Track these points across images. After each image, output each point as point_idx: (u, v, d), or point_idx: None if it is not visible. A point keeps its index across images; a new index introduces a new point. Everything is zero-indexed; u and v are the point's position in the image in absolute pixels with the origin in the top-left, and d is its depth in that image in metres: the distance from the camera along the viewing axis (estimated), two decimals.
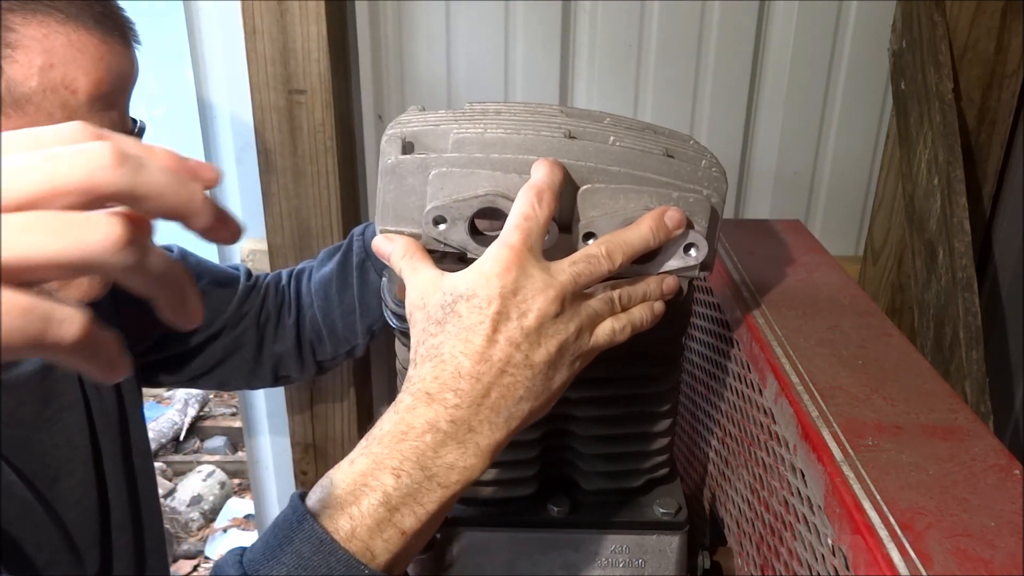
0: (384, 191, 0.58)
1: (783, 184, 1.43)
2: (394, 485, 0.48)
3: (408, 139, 0.59)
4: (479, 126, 0.59)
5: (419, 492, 0.49)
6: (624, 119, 0.66)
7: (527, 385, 0.51)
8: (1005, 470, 0.51)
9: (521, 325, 0.50)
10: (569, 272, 0.52)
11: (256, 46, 1.20)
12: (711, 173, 0.59)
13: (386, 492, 0.48)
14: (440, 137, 0.59)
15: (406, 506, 0.48)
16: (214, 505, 2.57)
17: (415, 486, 0.48)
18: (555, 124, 0.60)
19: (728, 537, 0.78)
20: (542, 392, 0.52)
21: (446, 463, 0.49)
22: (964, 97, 1.30)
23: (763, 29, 1.33)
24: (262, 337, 1.00)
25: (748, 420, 0.71)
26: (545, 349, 0.51)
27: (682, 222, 0.55)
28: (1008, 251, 1.39)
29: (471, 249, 0.57)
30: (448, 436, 0.49)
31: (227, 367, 1.00)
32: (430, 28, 1.30)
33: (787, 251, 0.87)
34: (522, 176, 0.55)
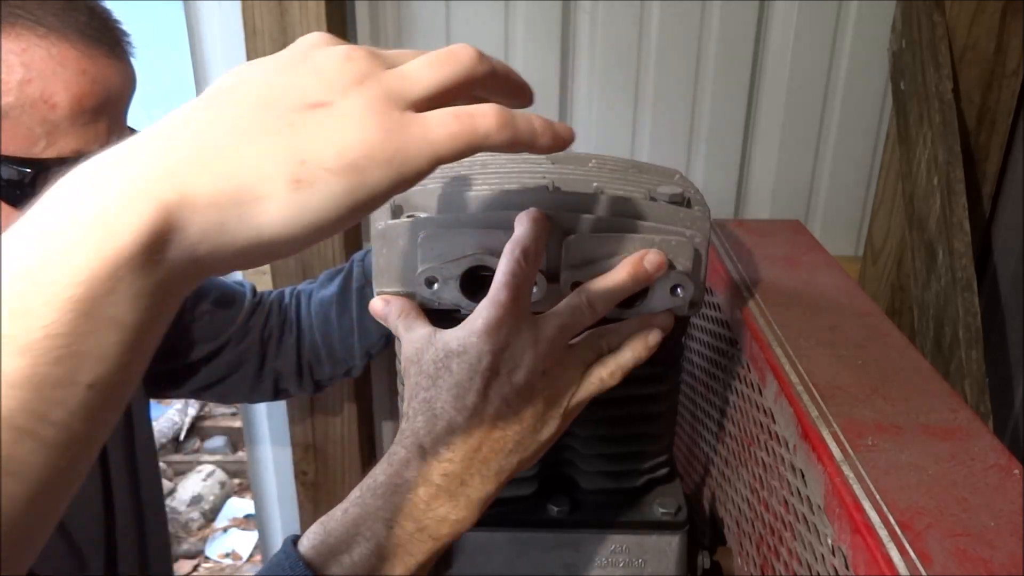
0: (377, 254, 0.60)
1: (783, 184, 1.43)
2: (386, 536, 0.50)
3: (397, 201, 0.61)
4: (464, 182, 0.61)
5: (410, 543, 0.50)
6: (608, 159, 0.69)
7: (516, 439, 0.53)
8: (1005, 470, 0.51)
9: (511, 381, 0.52)
10: (554, 325, 0.54)
11: (256, 46, 1.20)
12: (693, 213, 0.60)
13: (379, 543, 0.50)
14: (428, 196, 0.61)
15: (396, 556, 0.50)
16: (214, 505, 2.57)
17: (406, 537, 0.50)
18: (539, 174, 0.63)
19: (728, 537, 0.78)
20: (531, 444, 0.53)
21: (438, 516, 0.51)
22: (964, 97, 1.30)
23: (763, 29, 1.33)
24: (264, 353, 1.01)
25: (748, 420, 0.71)
26: (533, 404, 0.53)
27: (662, 264, 0.56)
28: (1008, 251, 1.39)
29: (464, 306, 0.59)
30: (440, 490, 0.51)
31: (230, 382, 1.01)
32: (430, 28, 1.30)
33: (787, 251, 0.87)
34: (507, 232, 0.56)
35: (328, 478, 1.43)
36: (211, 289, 0.98)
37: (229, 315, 0.98)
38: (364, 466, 1.44)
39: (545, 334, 0.53)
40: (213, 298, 0.97)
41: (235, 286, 1.01)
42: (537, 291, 0.58)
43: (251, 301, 1.00)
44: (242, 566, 2.34)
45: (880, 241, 1.41)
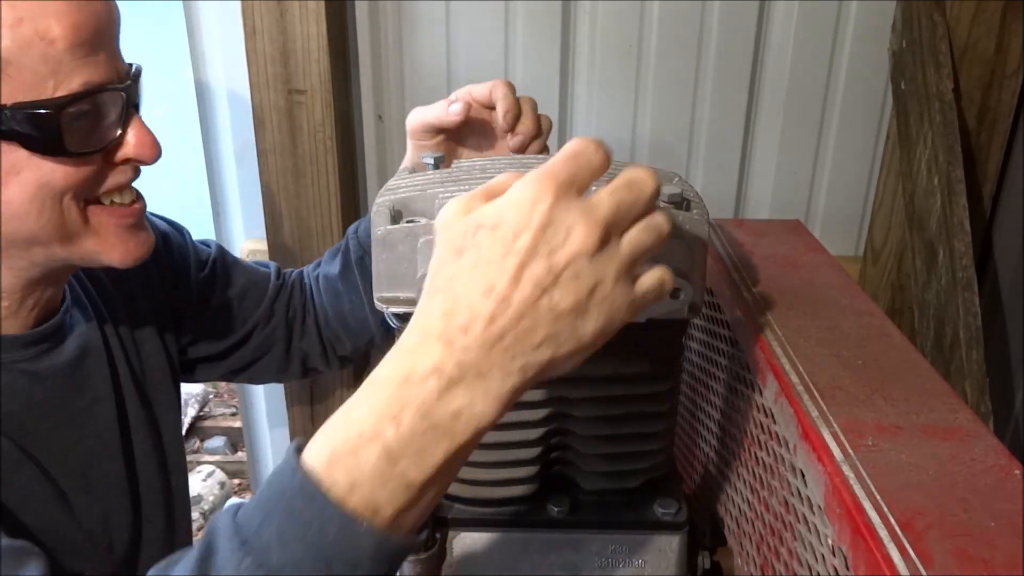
0: (377, 260, 0.60)
1: (783, 184, 1.43)
2: (394, 436, 0.44)
3: (397, 207, 0.61)
4: (464, 188, 0.61)
5: (423, 442, 0.45)
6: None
7: (548, 331, 0.45)
8: (1005, 470, 0.51)
9: (549, 264, 0.44)
10: (609, 203, 0.45)
11: (256, 46, 1.20)
12: (692, 216, 0.60)
13: (386, 443, 0.44)
14: (427, 202, 0.61)
15: (408, 458, 0.44)
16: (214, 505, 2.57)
17: (418, 436, 0.44)
18: None
19: (728, 537, 0.78)
20: (566, 341, 0.46)
21: (451, 410, 0.45)
22: (964, 97, 1.30)
23: (763, 29, 1.33)
24: (290, 333, 1.02)
25: (748, 420, 0.71)
26: (575, 292, 0.45)
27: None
28: (1008, 251, 1.39)
29: None
30: (454, 381, 0.45)
31: (259, 365, 1.02)
32: (430, 28, 1.30)
33: (787, 251, 0.87)
34: None
35: None
36: (238, 275, 0.98)
37: (255, 299, 0.98)
38: None
39: (598, 212, 0.45)
40: (240, 284, 0.97)
41: (260, 269, 1.02)
42: None
43: (275, 282, 1.01)
44: None
45: (880, 241, 1.41)
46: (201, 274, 0.94)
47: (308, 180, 1.26)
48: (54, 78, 0.62)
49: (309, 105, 1.23)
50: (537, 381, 0.47)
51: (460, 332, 0.45)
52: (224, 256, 0.98)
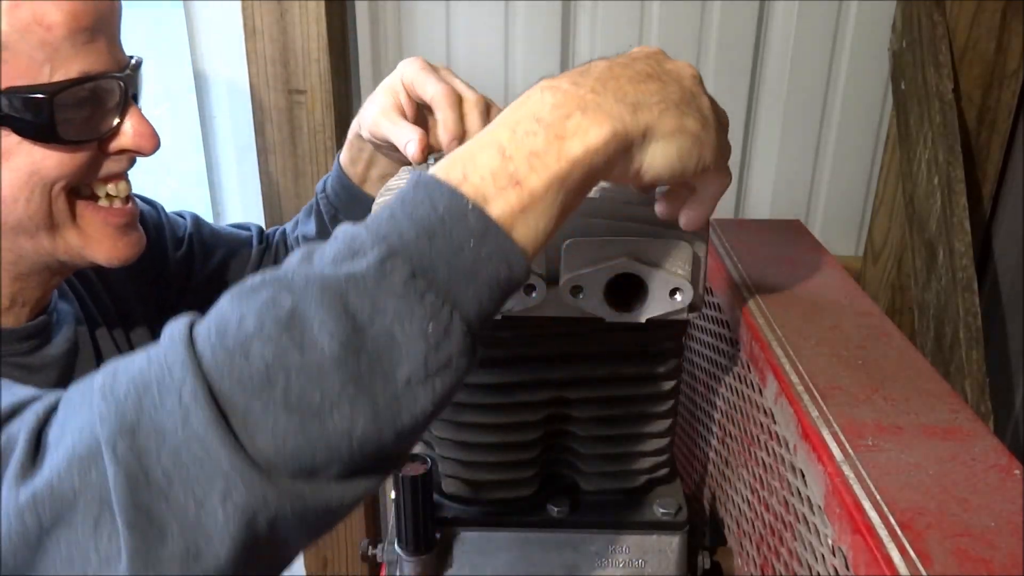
0: None
1: (783, 184, 1.43)
2: (509, 138, 0.46)
3: None
4: None
5: (535, 144, 0.46)
6: None
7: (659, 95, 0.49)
8: (1005, 470, 0.51)
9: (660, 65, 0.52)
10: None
11: (256, 46, 1.20)
12: None
13: (501, 145, 0.46)
14: None
15: (520, 159, 0.45)
16: None
17: (531, 136, 0.46)
18: None
19: (728, 537, 0.78)
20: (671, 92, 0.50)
21: (563, 115, 0.47)
22: (964, 97, 1.30)
23: (763, 29, 1.33)
24: None
25: (748, 420, 0.71)
26: (679, 87, 0.51)
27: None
28: (1008, 251, 1.39)
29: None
30: (569, 95, 0.47)
31: None
32: (430, 28, 1.30)
33: (787, 251, 0.87)
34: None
35: None
36: (218, 246, 0.96)
37: (237, 269, 0.96)
38: None
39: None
40: (220, 255, 0.95)
41: (240, 234, 0.99)
42: (537, 294, 0.58)
43: (259, 247, 0.98)
44: None
45: (880, 241, 1.41)
46: (178, 252, 0.92)
47: (308, 180, 1.26)
48: (50, 64, 0.61)
49: (309, 105, 1.23)
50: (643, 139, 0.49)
51: (578, 73, 0.50)
52: (200, 228, 0.95)
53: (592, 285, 0.58)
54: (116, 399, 0.41)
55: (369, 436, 0.41)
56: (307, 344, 0.41)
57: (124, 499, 0.39)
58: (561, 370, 0.66)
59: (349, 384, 0.41)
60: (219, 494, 0.40)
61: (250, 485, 0.40)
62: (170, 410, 0.40)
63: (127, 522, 0.39)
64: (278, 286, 0.42)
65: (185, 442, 0.40)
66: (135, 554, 0.39)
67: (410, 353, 0.42)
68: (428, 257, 0.43)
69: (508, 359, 0.65)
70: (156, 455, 0.40)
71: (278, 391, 0.40)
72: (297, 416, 0.40)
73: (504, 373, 0.65)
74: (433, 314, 0.42)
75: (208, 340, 0.42)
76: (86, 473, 0.40)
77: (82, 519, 0.40)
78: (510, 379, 0.66)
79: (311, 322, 0.41)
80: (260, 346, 0.40)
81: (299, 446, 0.40)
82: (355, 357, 0.41)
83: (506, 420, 0.67)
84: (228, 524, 0.40)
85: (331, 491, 0.42)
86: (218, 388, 0.40)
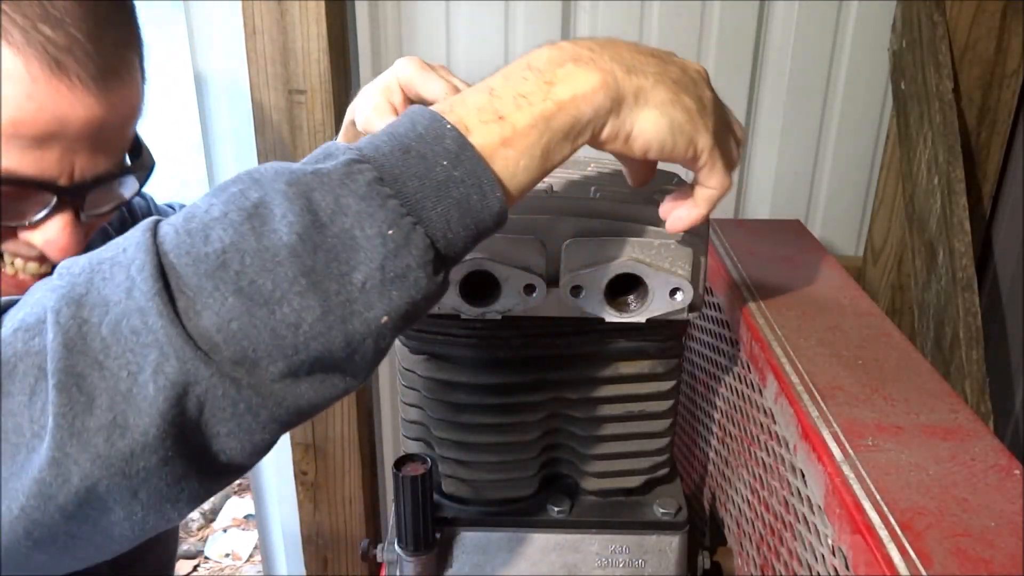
0: None
1: (783, 184, 1.43)
2: (501, 80, 0.48)
3: None
4: None
5: (523, 87, 0.47)
6: (607, 163, 0.68)
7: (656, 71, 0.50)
8: (1005, 470, 0.51)
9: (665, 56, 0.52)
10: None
11: (256, 46, 1.20)
12: None
13: (491, 85, 0.47)
14: None
15: (507, 97, 0.46)
16: (214, 505, 2.57)
17: (522, 81, 0.47)
18: None
19: (728, 537, 0.78)
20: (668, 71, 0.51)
21: (555, 63, 0.48)
22: (964, 97, 1.30)
23: (763, 29, 1.33)
24: None
25: (748, 420, 0.71)
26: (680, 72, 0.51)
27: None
28: (1008, 251, 1.39)
29: (464, 311, 0.59)
30: (565, 51, 0.48)
31: None
32: (430, 28, 1.30)
33: (787, 251, 0.87)
34: (504, 237, 0.56)
35: (328, 478, 1.43)
36: None
37: None
38: (364, 466, 1.44)
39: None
40: None
41: None
42: (537, 294, 0.58)
43: None
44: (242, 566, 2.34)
45: (880, 241, 1.41)
46: None
47: None
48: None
49: (309, 105, 1.23)
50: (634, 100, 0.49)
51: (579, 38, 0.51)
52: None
53: (592, 285, 0.58)
54: (71, 275, 0.41)
55: (316, 333, 0.41)
56: (266, 232, 0.41)
57: (58, 364, 0.39)
58: (561, 370, 0.66)
59: (301, 277, 0.40)
60: (152, 366, 0.39)
61: (183, 359, 0.39)
62: (117, 283, 0.40)
63: (57, 385, 0.39)
64: (249, 180, 0.43)
65: (125, 313, 0.39)
66: (60, 419, 0.38)
67: (367, 256, 0.41)
68: (399, 168, 0.43)
69: (508, 359, 0.65)
70: (97, 325, 0.40)
71: (231, 273, 0.40)
72: (246, 300, 0.40)
73: (504, 373, 0.65)
74: (394, 221, 0.42)
75: (173, 225, 0.42)
76: (30, 340, 0.40)
77: (19, 386, 0.40)
78: (510, 379, 0.66)
79: (273, 212, 0.41)
80: (220, 231, 0.41)
81: (243, 330, 0.40)
82: (311, 251, 0.41)
83: (506, 420, 0.67)
84: (157, 398, 0.39)
85: (271, 389, 0.41)
86: (172, 266, 0.40)
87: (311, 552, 1.56)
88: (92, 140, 0.62)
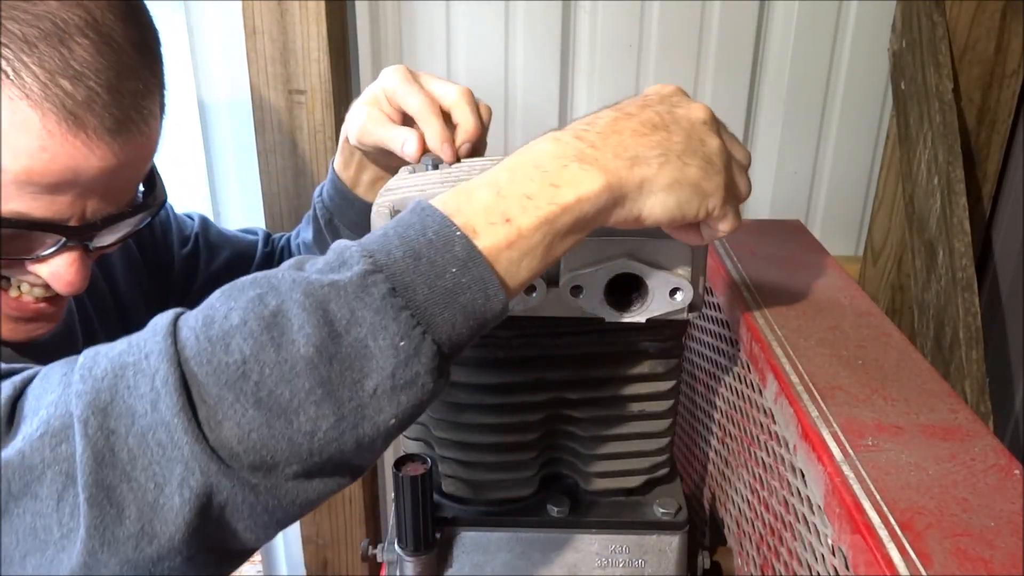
0: None
1: (783, 184, 1.43)
2: (507, 180, 0.48)
3: (397, 207, 0.60)
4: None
5: (530, 188, 0.48)
6: None
7: (660, 148, 0.50)
8: (1005, 470, 0.51)
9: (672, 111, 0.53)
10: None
11: (256, 46, 1.20)
12: None
13: (498, 185, 0.48)
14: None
15: (513, 198, 0.47)
16: None
17: (527, 181, 0.48)
18: None
19: (728, 537, 0.78)
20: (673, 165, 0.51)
21: (561, 166, 0.49)
22: (964, 97, 1.30)
23: (763, 29, 1.33)
24: None
25: (748, 420, 0.71)
26: (686, 134, 0.52)
27: None
28: (1008, 251, 1.39)
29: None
30: (569, 147, 0.49)
31: None
32: (430, 28, 1.30)
33: (787, 251, 0.87)
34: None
35: None
36: (225, 245, 0.96)
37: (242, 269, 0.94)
38: None
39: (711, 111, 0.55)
40: (224, 258, 0.95)
41: (246, 238, 0.99)
42: (537, 294, 0.58)
43: (263, 251, 0.98)
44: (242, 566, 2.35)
45: (880, 241, 1.41)
46: (184, 250, 0.91)
47: (308, 180, 1.26)
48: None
49: (309, 105, 1.23)
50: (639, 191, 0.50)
51: (584, 124, 0.51)
52: (207, 229, 0.95)
53: (592, 285, 0.58)
54: (94, 379, 0.43)
55: (330, 439, 0.43)
56: (285, 343, 0.42)
57: (88, 478, 0.41)
58: (561, 370, 0.66)
59: (318, 387, 0.43)
60: (178, 480, 0.41)
61: (207, 472, 0.41)
62: (142, 394, 0.42)
63: (89, 499, 0.41)
64: (267, 286, 0.44)
65: (152, 426, 0.41)
66: (92, 531, 0.41)
67: (380, 365, 0.43)
68: (410, 275, 0.45)
69: (508, 359, 0.65)
70: (124, 436, 0.42)
71: (250, 384, 0.42)
72: (265, 411, 0.42)
73: (504, 373, 0.65)
74: (406, 332, 0.44)
75: (193, 329, 0.43)
76: (57, 446, 0.42)
77: (48, 491, 0.42)
78: (510, 379, 0.66)
79: (292, 322, 0.43)
80: (240, 340, 0.42)
81: (262, 440, 0.42)
82: (327, 362, 0.43)
83: (506, 420, 0.67)
84: (183, 508, 0.41)
85: (285, 488, 0.44)
86: (194, 374, 0.42)
87: (311, 552, 1.56)
88: (106, 186, 0.62)
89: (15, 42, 0.55)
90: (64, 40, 0.56)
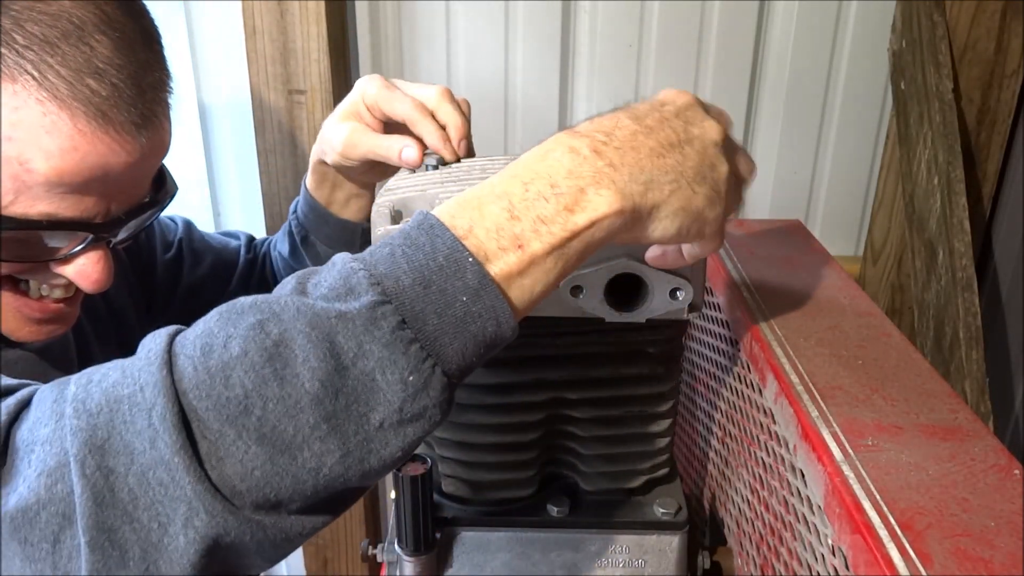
0: None
1: (783, 184, 1.43)
2: (520, 197, 0.46)
3: (397, 207, 0.60)
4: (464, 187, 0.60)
5: (545, 211, 0.46)
6: None
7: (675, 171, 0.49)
8: (1005, 470, 0.51)
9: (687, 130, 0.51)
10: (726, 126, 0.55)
11: (256, 46, 1.20)
12: None
13: (511, 202, 0.46)
14: (427, 202, 0.61)
15: (527, 222, 0.46)
16: None
17: (542, 201, 0.46)
18: None
19: (728, 537, 0.78)
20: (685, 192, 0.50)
21: (576, 185, 0.47)
22: (964, 97, 1.30)
23: (763, 29, 1.33)
24: None
25: (748, 420, 0.71)
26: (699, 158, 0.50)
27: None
28: (1008, 251, 1.39)
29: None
30: (586, 161, 0.47)
31: None
32: (430, 28, 1.30)
33: (787, 251, 0.87)
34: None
35: None
36: (208, 251, 0.95)
37: (223, 277, 0.95)
38: None
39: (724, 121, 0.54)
40: (208, 263, 0.94)
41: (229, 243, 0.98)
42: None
43: (246, 257, 0.97)
44: None
45: (880, 241, 1.41)
46: (167, 255, 0.90)
47: None
48: (15, 195, 0.57)
49: (309, 105, 1.23)
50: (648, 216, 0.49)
51: (603, 135, 0.49)
52: (191, 234, 0.94)
53: (592, 285, 0.58)
54: (88, 413, 0.41)
55: (336, 475, 0.42)
56: (288, 378, 0.41)
57: (88, 520, 0.39)
58: (561, 370, 0.66)
59: (323, 422, 0.41)
60: (182, 520, 0.40)
61: (212, 512, 0.40)
62: (139, 430, 0.40)
63: (90, 542, 0.40)
64: (268, 312, 0.42)
65: (152, 465, 0.40)
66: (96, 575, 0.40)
67: (387, 399, 0.42)
68: (420, 304, 0.43)
69: (508, 359, 0.65)
70: (124, 475, 0.40)
71: (252, 419, 0.40)
72: (268, 447, 0.41)
73: (504, 373, 0.65)
74: (416, 366, 0.43)
75: (191, 358, 0.42)
76: (52, 486, 0.40)
77: (41, 534, 0.40)
78: (510, 379, 0.66)
79: (295, 355, 0.41)
80: (241, 373, 0.41)
81: (266, 477, 0.41)
82: (333, 397, 0.41)
83: (506, 420, 0.67)
84: (188, 549, 0.40)
85: (289, 523, 0.43)
86: (193, 409, 0.40)
87: (311, 552, 1.56)
88: (129, 181, 0.62)
89: (37, 43, 0.55)
90: (84, 38, 0.56)
